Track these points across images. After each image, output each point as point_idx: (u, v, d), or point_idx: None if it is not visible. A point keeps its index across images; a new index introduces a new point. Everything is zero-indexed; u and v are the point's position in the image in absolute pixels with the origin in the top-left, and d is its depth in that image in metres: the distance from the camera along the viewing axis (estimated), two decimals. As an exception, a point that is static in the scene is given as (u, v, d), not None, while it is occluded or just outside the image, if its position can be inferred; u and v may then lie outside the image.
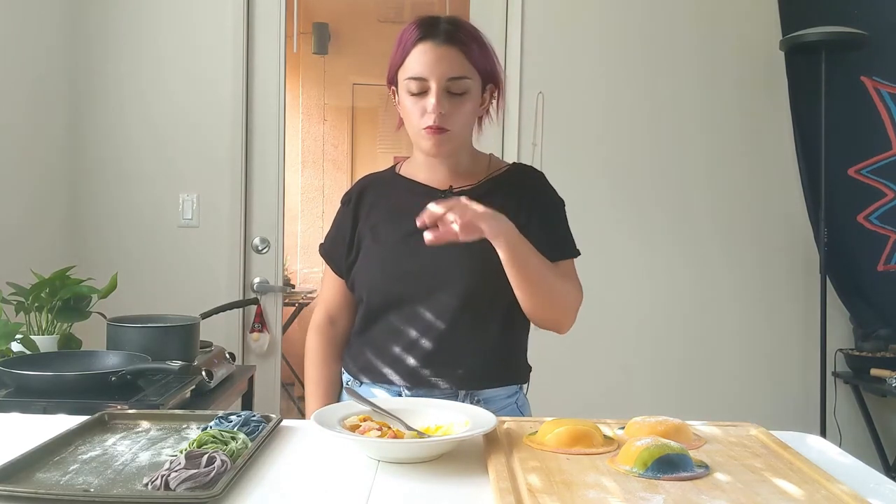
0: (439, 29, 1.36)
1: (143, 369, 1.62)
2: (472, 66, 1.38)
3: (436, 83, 1.34)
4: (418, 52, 1.36)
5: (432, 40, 1.35)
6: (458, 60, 1.36)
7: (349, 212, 1.54)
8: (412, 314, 1.43)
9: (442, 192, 1.46)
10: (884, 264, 2.95)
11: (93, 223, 2.86)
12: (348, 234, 1.52)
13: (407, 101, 1.38)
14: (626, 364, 2.98)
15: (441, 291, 1.42)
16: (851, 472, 1.06)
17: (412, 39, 1.37)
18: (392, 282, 1.45)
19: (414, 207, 1.36)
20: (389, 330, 1.46)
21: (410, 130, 1.42)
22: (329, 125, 5.45)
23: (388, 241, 1.46)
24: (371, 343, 1.48)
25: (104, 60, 2.86)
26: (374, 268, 1.47)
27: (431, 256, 1.38)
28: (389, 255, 1.46)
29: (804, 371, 2.98)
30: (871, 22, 2.78)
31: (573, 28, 2.96)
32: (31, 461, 0.99)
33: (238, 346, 2.91)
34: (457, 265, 1.41)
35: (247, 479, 0.97)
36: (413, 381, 1.43)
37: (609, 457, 1.04)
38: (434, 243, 1.25)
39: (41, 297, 1.84)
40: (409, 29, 1.38)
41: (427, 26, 1.37)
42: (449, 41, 1.35)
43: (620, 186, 2.97)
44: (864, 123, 2.91)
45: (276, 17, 2.94)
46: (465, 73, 1.36)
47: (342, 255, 1.53)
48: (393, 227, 1.47)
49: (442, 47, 1.35)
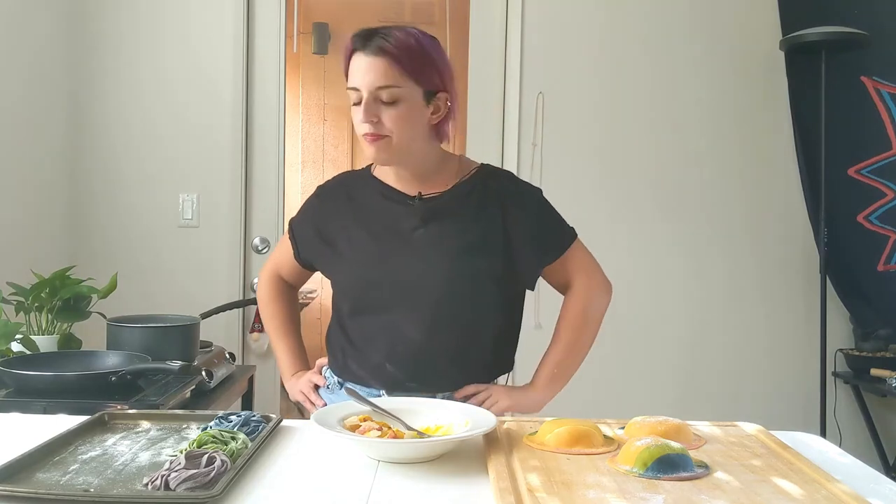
0: (371, 41, 1.39)
1: (143, 369, 1.62)
2: (406, 75, 1.39)
3: (366, 92, 1.38)
4: (353, 64, 1.40)
5: (363, 51, 1.39)
6: (386, 70, 1.37)
7: (324, 205, 1.56)
8: (387, 320, 1.45)
9: (411, 198, 1.47)
10: (884, 264, 2.95)
11: (93, 223, 2.86)
12: (320, 226, 1.54)
13: (352, 112, 1.42)
14: (626, 364, 2.97)
15: (416, 298, 1.43)
16: (851, 472, 1.06)
17: (348, 51, 1.42)
18: (366, 287, 1.47)
19: (384, 211, 1.48)
20: (366, 334, 1.47)
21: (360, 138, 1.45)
22: (329, 125, 5.44)
23: (359, 244, 1.48)
24: (349, 345, 1.50)
25: (104, 60, 2.86)
26: (348, 271, 1.49)
27: (405, 263, 1.43)
28: (362, 258, 1.47)
29: (804, 371, 2.98)
30: (871, 22, 2.78)
31: (573, 28, 2.96)
32: (31, 461, 0.99)
33: (238, 346, 2.91)
34: (432, 272, 1.43)
35: (247, 479, 0.97)
36: (391, 387, 1.45)
37: (609, 457, 1.04)
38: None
39: (41, 297, 1.84)
40: (347, 41, 1.42)
41: (360, 38, 1.40)
42: (378, 53, 1.37)
43: (620, 186, 2.96)
44: (863, 123, 2.90)
45: (276, 17, 2.94)
46: (394, 83, 1.38)
47: (308, 245, 1.57)
48: (367, 230, 1.48)
49: (370, 58, 1.38)
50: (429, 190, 1.47)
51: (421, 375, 1.44)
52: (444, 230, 1.44)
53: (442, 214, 1.45)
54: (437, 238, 1.44)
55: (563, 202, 1.59)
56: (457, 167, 1.52)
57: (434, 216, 1.45)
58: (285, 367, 1.64)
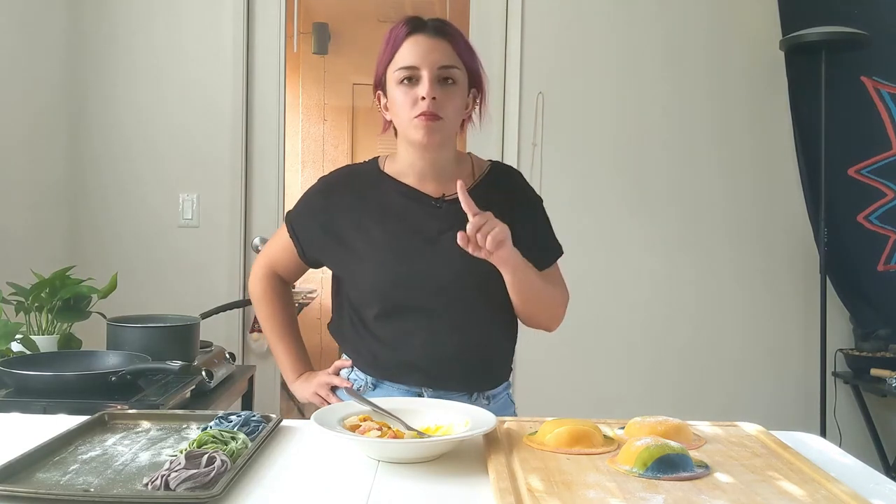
0: (428, 24, 1.42)
1: (143, 369, 1.62)
2: (461, 59, 1.42)
3: (427, 71, 1.38)
4: (409, 45, 1.40)
5: (423, 33, 1.40)
6: (448, 51, 1.40)
7: (330, 200, 1.52)
8: (421, 320, 1.44)
9: (435, 200, 1.47)
10: (884, 264, 2.95)
11: (93, 223, 2.86)
12: (327, 222, 1.50)
13: (397, 93, 1.40)
14: (626, 364, 2.97)
15: (451, 299, 1.43)
16: (851, 472, 1.06)
17: (402, 34, 1.41)
18: (396, 286, 1.45)
19: (405, 212, 1.45)
20: (398, 334, 1.46)
21: (401, 123, 1.42)
22: (329, 125, 5.45)
23: (381, 243, 1.46)
24: (379, 344, 1.48)
25: (104, 60, 2.86)
26: (372, 270, 1.46)
27: (436, 263, 1.43)
28: (387, 257, 1.46)
29: (804, 371, 2.98)
30: (871, 22, 2.78)
31: (573, 28, 2.96)
32: (31, 461, 0.99)
33: (238, 346, 2.91)
34: (467, 273, 1.42)
35: (247, 479, 0.97)
36: (428, 385, 1.45)
37: (609, 457, 1.04)
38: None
39: (41, 297, 1.84)
40: (398, 27, 1.42)
41: (416, 22, 1.42)
42: (438, 34, 1.41)
43: (620, 186, 2.96)
44: (864, 123, 2.90)
45: (276, 18, 2.94)
46: (455, 64, 1.41)
47: (313, 242, 1.53)
48: (387, 230, 1.47)
49: (433, 38, 1.40)
50: (448, 190, 1.47)
51: (457, 374, 1.45)
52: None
53: (467, 218, 1.44)
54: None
55: (563, 202, 1.60)
56: (471, 167, 1.53)
57: (461, 219, 1.41)
58: (287, 369, 1.60)
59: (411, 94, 1.38)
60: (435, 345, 1.44)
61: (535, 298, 1.45)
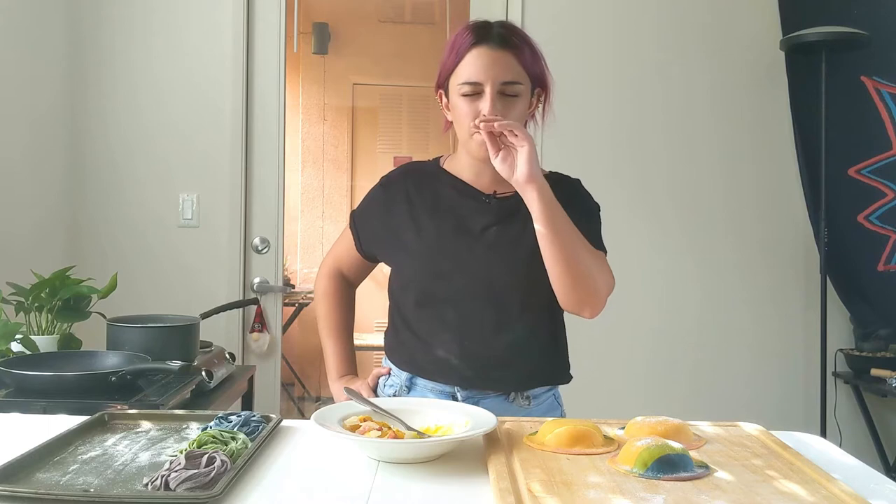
0: (493, 33, 1.39)
1: (143, 369, 1.62)
2: (524, 70, 1.40)
3: (490, 87, 1.37)
4: (472, 57, 1.38)
5: (486, 45, 1.38)
6: (511, 65, 1.38)
7: (388, 195, 1.54)
8: (456, 314, 1.44)
9: (486, 196, 1.47)
10: (884, 264, 2.95)
11: (93, 223, 2.86)
12: (384, 216, 1.53)
13: (460, 103, 1.40)
14: (626, 364, 2.97)
15: (487, 294, 1.43)
16: (851, 472, 1.06)
17: (466, 44, 1.39)
18: (434, 277, 1.46)
19: (456, 206, 1.46)
20: (433, 328, 1.46)
21: (461, 132, 1.43)
22: (329, 125, 5.45)
23: (427, 235, 1.47)
24: (414, 338, 1.48)
25: (104, 60, 2.86)
26: (414, 261, 1.48)
27: (476, 258, 1.43)
28: (430, 249, 1.46)
29: (804, 371, 2.98)
30: (871, 22, 2.78)
31: (573, 28, 2.96)
32: (31, 461, 0.99)
33: (238, 346, 2.91)
34: (506, 269, 1.43)
35: (247, 479, 0.97)
36: (459, 383, 1.45)
37: (609, 457, 1.04)
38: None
39: (41, 297, 1.84)
40: (462, 34, 1.41)
41: (481, 31, 1.40)
42: (503, 45, 1.38)
43: (620, 186, 2.96)
44: (864, 123, 2.91)
45: (276, 17, 2.94)
46: (518, 78, 1.39)
47: (372, 235, 1.56)
48: (436, 223, 1.47)
49: (496, 52, 1.38)
50: (503, 189, 1.47)
51: (489, 373, 1.44)
52: (518, 230, 1.44)
53: (516, 215, 1.44)
54: (512, 237, 1.44)
55: (563, 202, 1.59)
56: None
57: (508, 215, 1.45)
58: (332, 367, 1.62)
59: (473, 107, 1.38)
60: (470, 340, 1.43)
61: (569, 252, 1.35)
